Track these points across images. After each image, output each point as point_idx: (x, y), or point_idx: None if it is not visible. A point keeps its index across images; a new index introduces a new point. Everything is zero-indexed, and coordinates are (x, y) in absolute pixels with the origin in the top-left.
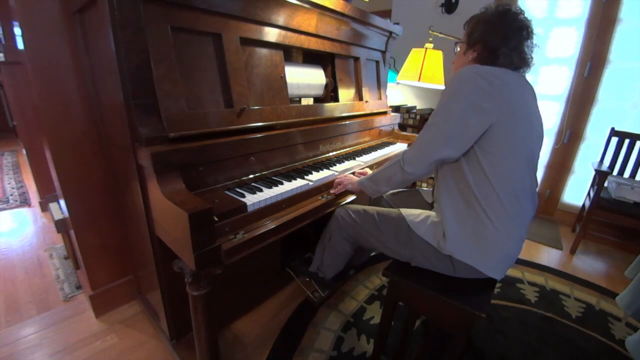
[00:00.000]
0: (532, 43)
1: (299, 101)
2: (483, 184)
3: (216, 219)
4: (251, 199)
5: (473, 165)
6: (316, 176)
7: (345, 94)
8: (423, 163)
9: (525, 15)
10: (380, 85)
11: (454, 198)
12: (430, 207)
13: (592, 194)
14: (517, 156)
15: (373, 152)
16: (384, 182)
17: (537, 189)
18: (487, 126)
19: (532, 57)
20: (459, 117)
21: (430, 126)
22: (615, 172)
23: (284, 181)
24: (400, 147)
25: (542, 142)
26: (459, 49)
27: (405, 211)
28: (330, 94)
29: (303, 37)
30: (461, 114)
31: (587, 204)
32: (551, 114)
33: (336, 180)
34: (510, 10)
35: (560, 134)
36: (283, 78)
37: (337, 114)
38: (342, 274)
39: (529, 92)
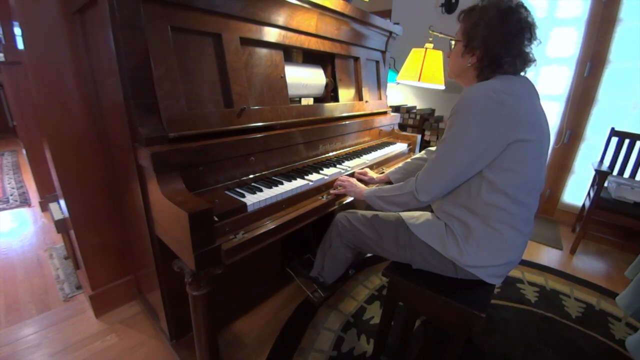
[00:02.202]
0: (535, 42)
1: (299, 101)
2: (491, 197)
3: (216, 219)
4: (251, 199)
5: (482, 180)
6: (316, 176)
7: (345, 94)
8: (439, 192)
9: (527, 10)
10: (380, 85)
11: (459, 210)
12: (430, 208)
13: (592, 194)
14: (530, 166)
15: (373, 152)
16: (396, 206)
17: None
18: (504, 147)
19: (534, 58)
20: (475, 148)
21: (444, 157)
22: (615, 172)
23: (284, 181)
24: (400, 147)
25: (549, 139)
26: (454, 44)
27: (404, 214)
28: (330, 94)
29: (303, 37)
30: (477, 144)
31: (587, 204)
32: (551, 114)
33: (338, 182)
34: (512, 8)
35: (560, 134)
36: (283, 78)
37: (337, 114)
38: (342, 275)
39: (535, 96)
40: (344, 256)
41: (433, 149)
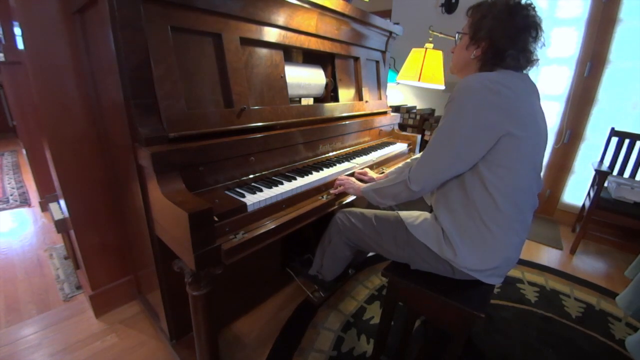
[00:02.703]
0: (540, 42)
1: (299, 101)
2: (486, 196)
3: (216, 219)
4: (251, 199)
5: (477, 178)
6: (316, 176)
7: (345, 94)
8: (430, 182)
9: (536, 10)
10: (380, 85)
11: (455, 209)
12: (430, 209)
13: (592, 194)
14: (524, 165)
15: (373, 152)
16: (390, 197)
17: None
18: (497, 140)
19: (537, 58)
20: (467, 135)
21: (437, 144)
22: (615, 172)
23: (284, 181)
24: (400, 147)
25: (547, 140)
26: (459, 38)
27: (403, 214)
28: (330, 94)
29: (303, 37)
30: (470, 131)
31: (587, 204)
32: (551, 114)
33: (337, 181)
34: (521, 5)
35: (560, 134)
36: (283, 78)
37: (337, 114)
38: (341, 275)
39: (535, 95)
40: (343, 254)
41: None
